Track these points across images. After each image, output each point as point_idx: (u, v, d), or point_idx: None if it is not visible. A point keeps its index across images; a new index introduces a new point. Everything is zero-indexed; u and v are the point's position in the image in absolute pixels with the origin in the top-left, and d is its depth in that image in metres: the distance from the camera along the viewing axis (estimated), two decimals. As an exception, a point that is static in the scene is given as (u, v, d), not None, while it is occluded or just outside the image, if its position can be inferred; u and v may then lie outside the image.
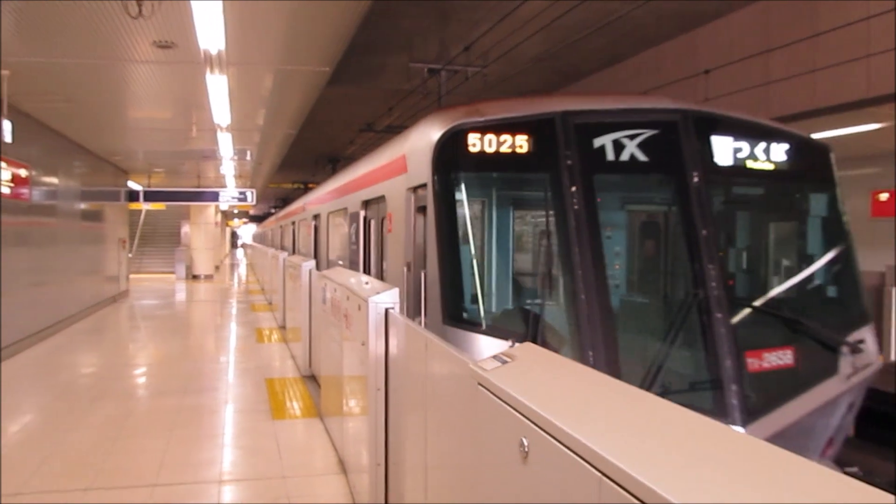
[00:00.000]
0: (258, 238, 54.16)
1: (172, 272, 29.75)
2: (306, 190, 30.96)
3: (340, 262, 8.93)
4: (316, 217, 11.80)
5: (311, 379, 9.10)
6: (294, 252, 16.88)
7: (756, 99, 11.79)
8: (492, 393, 2.54)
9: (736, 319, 4.65)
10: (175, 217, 33.07)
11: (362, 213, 7.56)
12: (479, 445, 2.67)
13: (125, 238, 20.81)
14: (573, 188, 4.62)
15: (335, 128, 21.82)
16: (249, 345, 11.88)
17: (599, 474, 1.87)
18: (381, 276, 6.77)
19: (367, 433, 4.54)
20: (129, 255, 22.21)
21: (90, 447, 6.37)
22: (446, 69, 13.36)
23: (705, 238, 4.71)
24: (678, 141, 4.90)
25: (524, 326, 4.53)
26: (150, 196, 21.25)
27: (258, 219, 70.95)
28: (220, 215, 38.42)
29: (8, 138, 9.20)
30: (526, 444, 2.26)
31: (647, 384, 4.35)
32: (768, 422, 4.46)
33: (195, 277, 29.12)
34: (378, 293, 4.52)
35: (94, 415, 7.43)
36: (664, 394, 4.39)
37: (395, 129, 14.89)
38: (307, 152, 25.51)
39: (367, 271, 7.60)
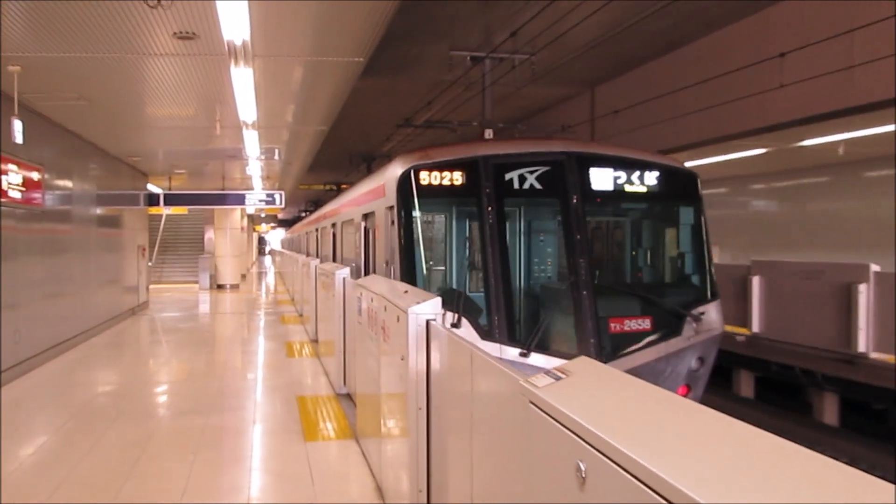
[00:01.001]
0: (287, 244, 54.84)
1: (195, 282, 30.16)
2: (339, 192, 31.22)
3: (353, 263, 11.84)
4: (333, 225, 15.53)
5: (346, 397, 9.15)
6: (319, 256, 19.62)
7: (836, 85, 11.59)
8: (544, 412, 2.55)
9: (599, 296, 7.77)
10: (198, 222, 33.45)
11: (363, 224, 10.67)
12: (530, 470, 2.67)
13: (145, 245, 21.17)
14: (489, 208, 7.84)
15: (370, 124, 21.98)
16: (279, 360, 11.99)
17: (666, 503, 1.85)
18: (374, 271, 9.73)
19: (407, 456, 4.56)
20: (149, 264, 22.56)
21: (108, 471, 6.47)
22: (490, 57, 13.37)
23: (579, 241, 7.90)
24: (563, 174, 8.08)
25: (454, 300, 7.21)
26: (171, 199, 21.59)
27: (287, 223, 71.33)
28: (246, 220, 39.06)
29: (19, 139, 9.42)
30: (583, 468, 2.25)
31: (531, 340, 7.16)
32: (619, 363, 7.59)
33: (220, 287, 29.51)
34: (418, 303, 4.54)
35: (112, 436, 7.56)
36: (543, 345, 7.42)
37: (435, 125, 14.97)
38: (340, 150, 25.72)
39: (366, 268, 10.54)
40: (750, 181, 22.74)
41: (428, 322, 4.47)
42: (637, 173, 8.78)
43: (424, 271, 7.93)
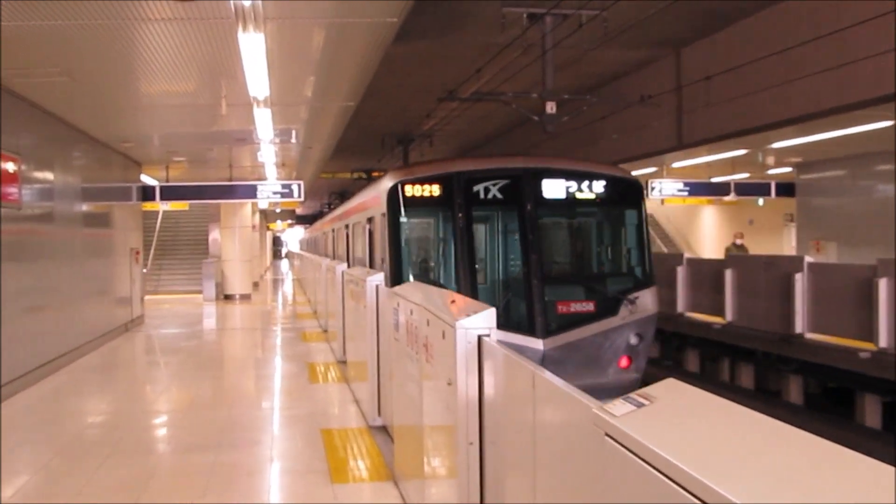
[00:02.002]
0: (306, 245, 55.17)
1: (199, 292, 30.38)
2: (370, 180, 31.27)
3: (363, 262, 15.65)
4: (347, 227, 19.92)
5: (381, 430, 9.17)
6: (336, 257, 22.67)
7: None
8: (624, 447, 2.54)
9: (549, 285, 11.98)
10: (201, 220, 33.82)
11: (367, 226, 15.00)
12: (607, 517, 2.66)
13: (138, 248, 21.42)
14: (460, 215, 12.02)
15: (407, 98, 22.00)
16: (300, 385, 12.10)
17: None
18: (374, 266, 14.18)
19: (455, 500, 4.55)
20: (144, 271, 22.86)
21: (101, 518, 6.54)
22: (552, 14, 13.31)
23: (531, 241, 12.11)
24: (521, 185, 12.33)
25: (428, 278, 11.57)
26: (169, 193, 21.85)
27: (307, 219, 71.24)
28: (258, 216, 39.36)
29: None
30: (673, 516, 2.22)
31: (500, 313, 8.88)
32: (560, 338, 11.61)
33: (228, 298, 29.79)
34: (468, 315, 4.54)
35: (105, 475, 7.65)
36: (504, 324, 10.53)
37: (486, 97, 14.96)
38: (371, 131, 25.77)
39: (371, 264, 14.64)
40: (876, 160, 22.37)
41: (480, 338, 4.43)
42: (586, 183, 12.97)
43: (409, 263, 12.29)
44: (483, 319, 4.55)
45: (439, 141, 28.61)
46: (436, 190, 12.78)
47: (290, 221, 70.18)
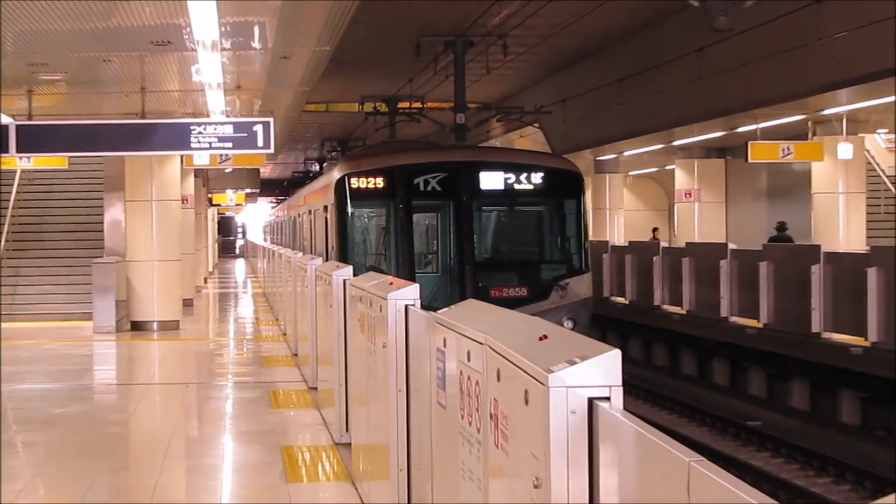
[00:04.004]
0: (273, 232, 47.27)
1: (86, 317, 20.99)
2: (392, 119, 27.40)
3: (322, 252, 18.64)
4: (310, 212, 22.19)
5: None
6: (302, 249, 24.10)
7: None
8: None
9: (483, 271, 16.86)
10: (91, 189, 24.15)
11: (324, 214, 18.31)
12: None
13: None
14: (400, 206, 16.65)
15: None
16: (268, 487, 8.60)
17: None
18: (328, 252, 17.98)
19: None
20: None
21: None
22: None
23: (465, 230, 16.48)
24: (458, 178, 16.59)
25: (372, 265, 16.66)
26: (33, 139, 15.14)
27: (282, 189, 57.84)
28: (192, 182, 29.34)
29: None
30: None
31: (427, 300, 11.16)
32: None
33: (138, 328, 21.10)
34: (572, 363, 3.39)
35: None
36: (432, 302, 14.24)
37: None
38: (397, 28, 20.49)
39: (326, 251, 18.09)
40: None
41: (592, 403, 3.35)
42: (525, 174, 16.36)
43: (355, 252, 16.48)
44: (594, 369, 3.37)
45: (519, 43, 21.83)
46: (379, 182, 16.40)
47: (248, 191, 46.50)
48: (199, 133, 15.70)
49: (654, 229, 33.80)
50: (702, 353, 20.65)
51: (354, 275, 9.77)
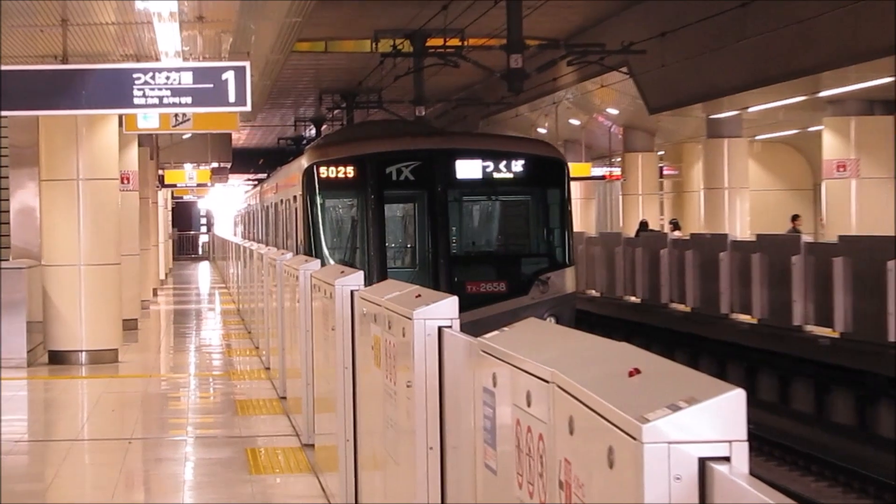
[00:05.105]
0: (244, 224, 48.26)
1: None
2: (417, 62, 30.46)
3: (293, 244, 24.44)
4: (282, 202, 28.20)
5: None
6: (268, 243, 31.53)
7: None
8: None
9: (459, 265, 23.43)
10: None
11: (293, 204, 25.05)
12: None
13: None
14: (372, 196, 23.27)
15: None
16: None
17: None
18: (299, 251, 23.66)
19: None
20: None
21: None
22: None
23: (441, 222, 22.87)
24: (434, 167, 22.96)
25: (342, 259, 23.09)
26: None
27: (261, 164, 59.21)
28: (137, 152, 30.05)
29: None
30: None
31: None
32: (473, 315, 19.41)
33: (57, 360, 21.40)
34: (670, 412, 3.44)
35: None
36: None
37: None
38: None
39: (296, 245, 24.28)
40: None
41: (705, 465, 3.40)
42: (504, 162, 21.20)
43: (325, 247, 21.43)
44: (716, 417, 3.41)
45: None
46: (349, 171, 21.77)
47: (216, 166, 47.15)
48: (146, 84, 15.90)
49: (794, 217, 33.44)
50: (863, 392, 20.47)
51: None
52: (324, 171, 21.14)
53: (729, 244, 24.97)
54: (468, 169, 21.16)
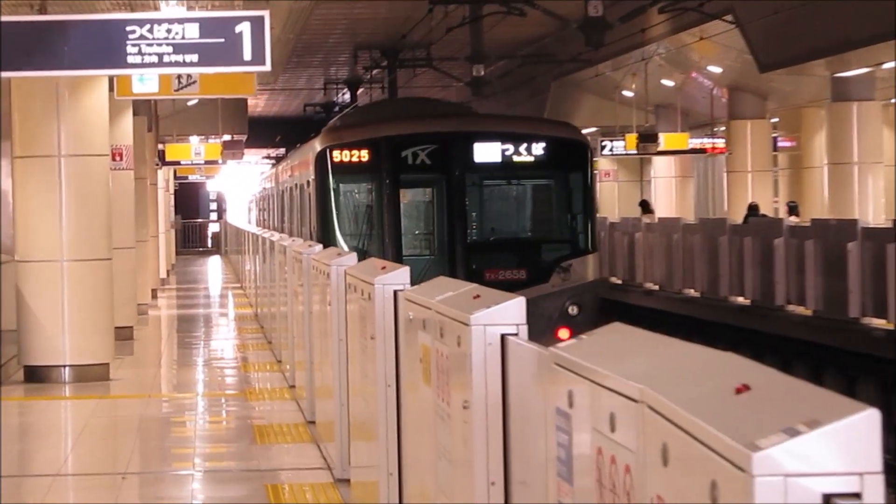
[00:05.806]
0: (262, 210, 48.83)
1: None
2: (474, 10, 33.58)
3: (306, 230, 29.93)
4: (296, 187, 33.25)
5: None
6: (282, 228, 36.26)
7: None
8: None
9: (477, 253, 28.47)
10: None
11: (307, 189, 30.74)
12: None
13: None
14: (387, 180, 28.29)
15: None
16: None
17: None
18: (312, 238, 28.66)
19: None
20: None
21: None
22: None
23: (458, 207, 27.99)
24: (448, 150, 28.05)
25: (357, 246, 27.15)
26: None
27: (286, 135, 60.80)
28: (132, 122, 30.48)
29: None
30: None
31: (418, 279, 11.55)
32: None
33: (34, 377, 21.93)
34: (787, 437, 3.41)
35: None
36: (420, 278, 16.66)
37: None
38: None
39: (311, 232, 29.50)
40: None
41: (830, 502, 3.37)
42: (524, 145, 25.62)
43: (339, 234, 26.26)
44: (841, 446, 3.40)
45: None
46: (364, 155, 24.98)
47: (229, 139, 46.04)
48: (142, 38, 15.95)
49: None
50: None
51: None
52: (337, 155, 24.99)
53: (860, 232, 24.72)
54: (487, 152, 25.02)
